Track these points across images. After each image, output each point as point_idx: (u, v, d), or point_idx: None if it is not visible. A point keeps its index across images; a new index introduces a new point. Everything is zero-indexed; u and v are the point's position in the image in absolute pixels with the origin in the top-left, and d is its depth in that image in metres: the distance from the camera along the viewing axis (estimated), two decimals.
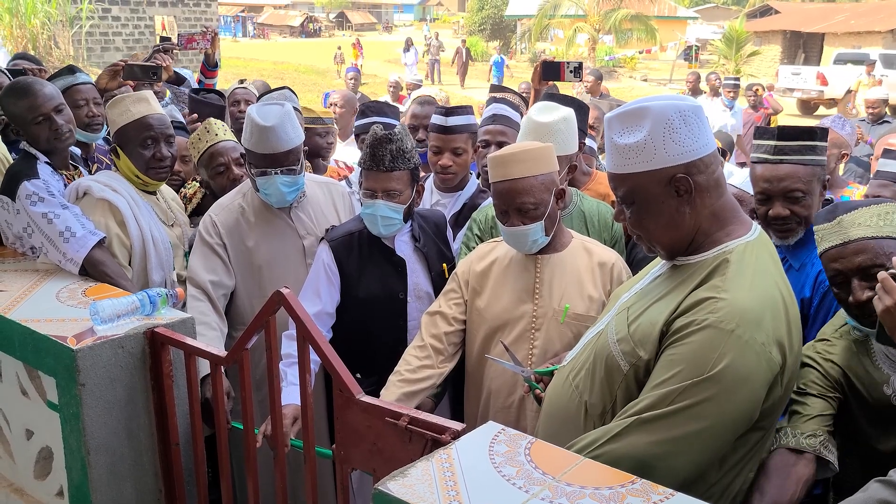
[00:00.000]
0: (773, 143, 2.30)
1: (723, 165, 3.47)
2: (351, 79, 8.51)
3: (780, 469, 1.71)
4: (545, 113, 2.69)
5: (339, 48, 27.99)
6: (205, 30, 4.36)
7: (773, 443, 1.76)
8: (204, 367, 2.26)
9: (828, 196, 2.47)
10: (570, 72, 3.51)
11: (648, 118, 1.62)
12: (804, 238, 2.30)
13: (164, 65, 3.60)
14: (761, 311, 1.56)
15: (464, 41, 28.06)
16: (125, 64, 3.51)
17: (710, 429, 1.55)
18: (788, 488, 1.68)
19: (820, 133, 2.31)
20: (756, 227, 1.73)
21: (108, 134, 3.01)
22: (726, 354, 1.52)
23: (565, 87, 7.43)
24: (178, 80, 3.94)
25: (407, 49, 24.99)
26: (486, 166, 3.02)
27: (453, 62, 26.79)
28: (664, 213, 1.66)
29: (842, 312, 1.97)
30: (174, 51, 4.08)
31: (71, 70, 3.31)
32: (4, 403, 2.37)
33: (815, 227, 1.93)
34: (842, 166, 4.26)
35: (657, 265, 1.85)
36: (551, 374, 2.10)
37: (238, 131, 3.51)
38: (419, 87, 9.21)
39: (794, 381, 1.71)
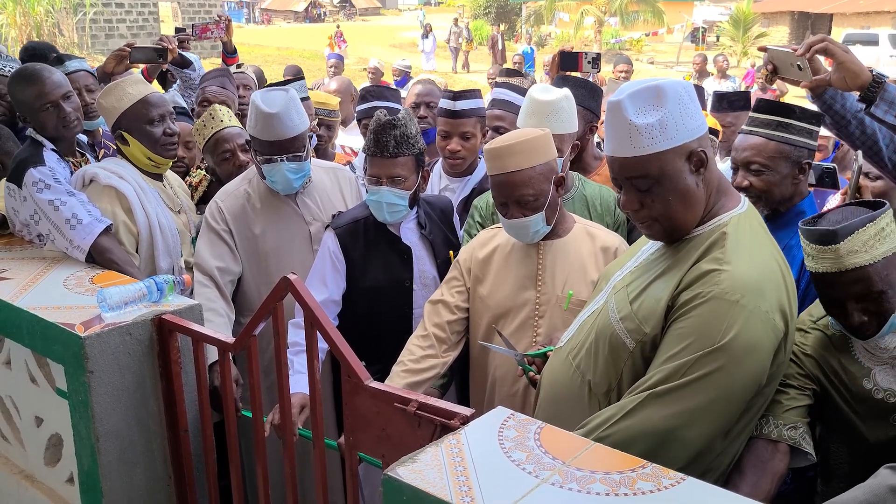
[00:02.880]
0: (751, 114, 2.30)
1: None
2: (332, 66, 8.25)
3: (756, 465, 1.71)
4: (546, 92, 2.67)
5: (338, 27, 27.66)
6: (218, 18, 4.39)
7: (755, 430, 1.75)
8: (212, 353, 2.26)
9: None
10: (589, 62, 3.49)
11: (665, 95, 1.63)
12: (787, 219, 2.23)
13: (169, 47, 3.62)
14: (763, 280, 1.60)
15: (498, 27, 25.58)
16: (132, 48, 3.55)
17: (722, 398, 1.57)
18: (763, 486, 1.68)
19: (801, 113, 2.22)
20: (744, 200, 1.76)
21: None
22: (734, 324, 1.55)
23: None
24: (182, 63, 3.95)
25: (425, 35, 23.59)
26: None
27: (490, 47, 23.84)
28: (689, 189, 1.66)
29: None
30: (189, 41, 4.10)
31: (60, 60, 3.32)
32: (14, 391, 2.38)
33: (802, 241, 1.79)
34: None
35: (647, 242, 1.85)
36: (544, 356, 2.09)
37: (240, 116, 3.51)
38: (406, 71, 9.05)
39: (791, 346, 1.74)
